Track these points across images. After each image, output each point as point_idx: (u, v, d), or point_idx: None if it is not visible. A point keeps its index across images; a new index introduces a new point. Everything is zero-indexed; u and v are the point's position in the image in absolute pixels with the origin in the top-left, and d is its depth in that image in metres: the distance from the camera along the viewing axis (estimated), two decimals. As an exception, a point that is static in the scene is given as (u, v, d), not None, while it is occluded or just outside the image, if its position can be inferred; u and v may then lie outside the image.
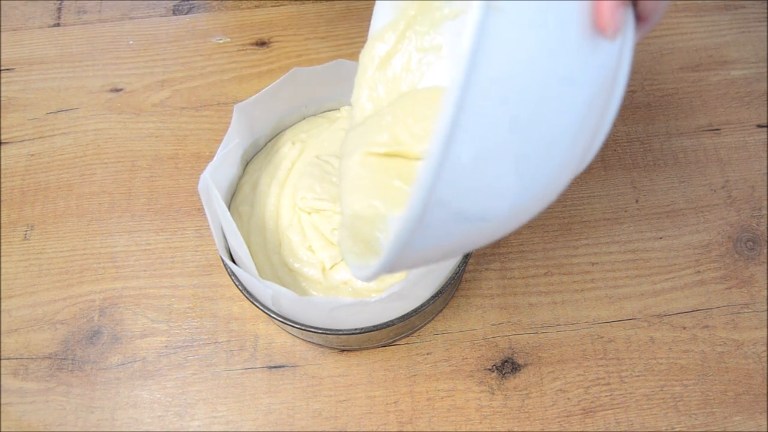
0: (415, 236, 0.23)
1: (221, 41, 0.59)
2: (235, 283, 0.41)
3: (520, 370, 0.45)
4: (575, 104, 0.24)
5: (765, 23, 0.58)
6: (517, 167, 0.23)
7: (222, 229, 0.41)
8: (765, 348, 0.45)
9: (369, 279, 0.28)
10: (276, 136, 0.49)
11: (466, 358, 0.45)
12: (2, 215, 0.51)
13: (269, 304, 0.40)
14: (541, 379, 0.45)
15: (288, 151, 0.47)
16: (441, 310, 0.47)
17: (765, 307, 0.47)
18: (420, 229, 0.23)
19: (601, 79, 0.25)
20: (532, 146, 0.23)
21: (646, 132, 0.54)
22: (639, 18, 0.28)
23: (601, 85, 0.25)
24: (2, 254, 0.50)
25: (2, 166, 0.53)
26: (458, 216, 0.23)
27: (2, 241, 0.50)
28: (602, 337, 0.46)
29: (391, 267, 0.26)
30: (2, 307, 0.48)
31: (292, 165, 0.46)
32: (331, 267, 0.42)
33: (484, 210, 0.24)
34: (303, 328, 0.40)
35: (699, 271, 0.48)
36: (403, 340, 0.46)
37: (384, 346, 0.46)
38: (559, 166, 0.25)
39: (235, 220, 0.44)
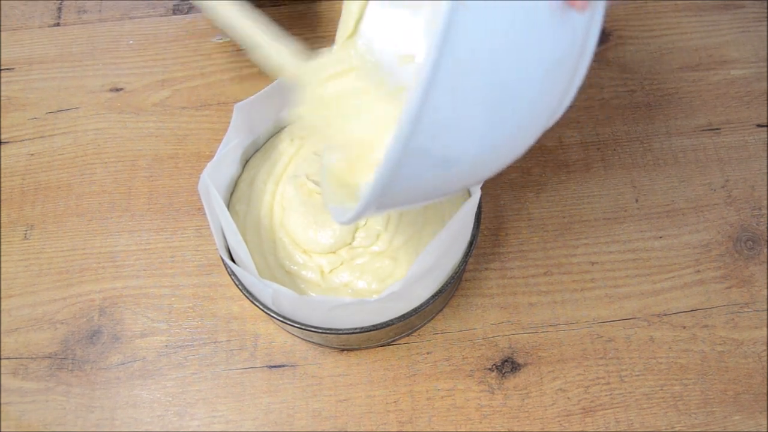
0: (393, 180, 0.25)
1: (221, 41, 0.59)
2: (235, 282, 0.41)
3: (520, 369, 0.45)
4: (545, 61, 0.26)
5: (765, 23, 0.58)
6: (491, 115, 0.25)
7: (222, 229, 0.41)
8: (765, 347, 0.45)
9: (350, 221, 0.29)
10: (275, 134, 0.49)
11: (466, 358, 0.45)
12: (2, 215, 0.51)
13: (269, 303, 0.40)
14: (541, 378, 0.45)
15: (286, 147, 0.46)
16: (441, 310, 0.47)
17: (765, 307, 0.47)
18: (398, 172, 0.24)
19: (571, 40, 0.27)
20: (503, 96, 0.25)
21: (646, 132, 0.54)
22: None
23: (571, 45, 0.27)
24: (2, 254, 0.50)
25: (2, 166, 0.53)
26: (435, 159, 0.25)
27: (2, 241, 0.50)
28: (602, 337, 0.46)
29: (370, 209, 0.27)
30: (2, 307, 0.48)
31: (290, 161, 0.46)
32: (330, 271, 0.42)
33: (458, 152, 0.26)
34: (303, 327, 0.40)
35: (699, 271, 0.48)
36: (403, 340, 0.46)
37: (384, 346, 0.46)
38: (527, 117, 0.27)
39: (233, 219, 0.44)
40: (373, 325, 0.40)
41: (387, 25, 0.39)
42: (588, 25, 0.27)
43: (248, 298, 0.41)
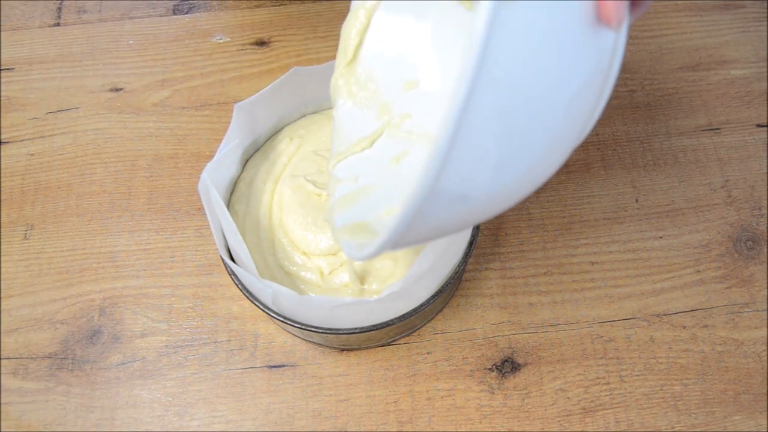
0: (417, 218, 0.24)
1: (221, 41, 0.59)
2: (235, 282, 0.41)
3: (520, 369, 0.45)
4: (574, 83, 0.25)
5: (765, 23, 0.58)
6: (516, 148, 0.24)
7: (222, 229, 0.41)
8: (765, 347, 0.45)
9: (367, 258, 0.28)
10: (275, 134, 0.49)
11: (466, 358, 0.45)
12: (2, 215, 0.51)
13: (269, 303, 0.40)
14: (541, 378, 0.45)
15: (285, 147, 0.46)
16: (441, 310, 0.47)
17: (765, 307, 0.47)
18: (422, 211, 0.23)
19: (598, 60, 0.26)
20: (532, 126, 0.24)
21: (646, 132, 0.54)
22: (632, 2, 0.29)
23: (598, 65, 0.26)
24: (2, 254, 0.50)
25: (2, 166, 0.53)
26: (455, 196, 0.24)
27: (2, 240, 0.50)
28: (602, 337, 0.46)
29: (392, 246, 0.26)
30: (2, 307, 0.48)
31: (288, 160, 0.46)
32: (330, 272, 0.42)
33: (480, 188, 0.24)
34: (303, 327, 0.40)
35: (699, 271, 0.48)
36: (403, 340, 0.46)
37: (384, 346, 0.46)
38: (553, 145, 0.26)
39: (232, 219, 0.44)
40: (373, 325, 0.40)
41: (391, 41, 0.37)
42: (615, 43, 0.26)
43: (248, 298, 0.41)
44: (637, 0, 0.29)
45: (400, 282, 0.37)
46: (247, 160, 0.47)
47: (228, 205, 0.45)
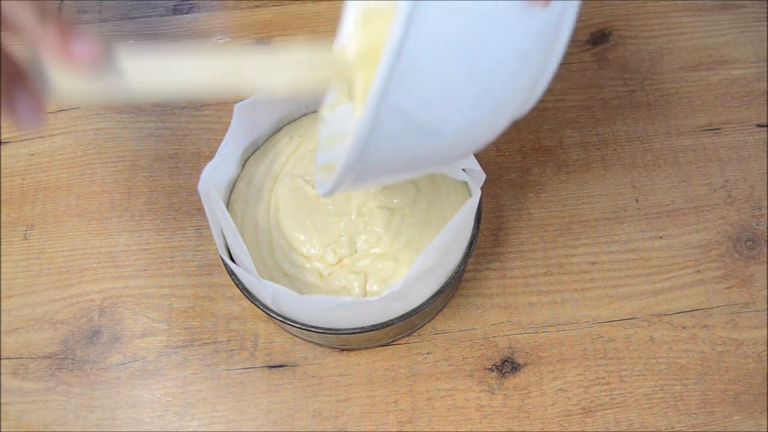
0: (369, 144, 0.25)
1: (221, 41, 0.59)
2: (235, 282, 0.41)
3: (519, 369, 0.45)
4: (514, 43, 0.26)
5: (765, 23, 0.58)
6: (464, 84, 0.25)
7: (222, 229, 0.41)
8: (765, 348, 0.45)
9: (329, 192, 0.29)
10: (275, 133, 0.49)
11: (466, 358, 0.45)
12: (2, 215, 0.51)
13: (269, 303, 0.40)
14: (541, 378, 0.45)
15: (285, 146, 0.46)
16: (441, 310, 0.47)
17: (765, 307, 0.47)
18: (374, 136, 0.24)
19: (541, 26, 0.27)
20: (474, 70, 0.25)
21: (646, 132, 0.54)
22: None
23: (542, 31, 0.27)
24: (2, 254, 0.50)
25: (2, 166, 0.53)
26: (410, 125, 0.25)
27: (2, 240, 0.50)
28: (602, 337, 0.46)
29: (349, 177, 0.27)
30: (2, 307, 0.48)
31: (288, 159, 0.46)
32: (329, 274, 0.42)
33: (435, 120, 0.26)
34: (303, 327, 0.40)
35: (699, 271, 0.48)
36: (403, 340, 0.46)
37: (384, 346, 0.46)
38: (499, 95, 0.27)
39: (232, 219, 0.44)
40: (373, 325, 0.40)
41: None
42: (561, 10, 0.28)
43: (248, 298, 0.41)
44: None
45: (400, 282, 0.37)
46: (246, 160, 0.47)
47: (227, 205, 0.45)
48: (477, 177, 0.41)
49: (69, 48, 0.23)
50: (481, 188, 0.41)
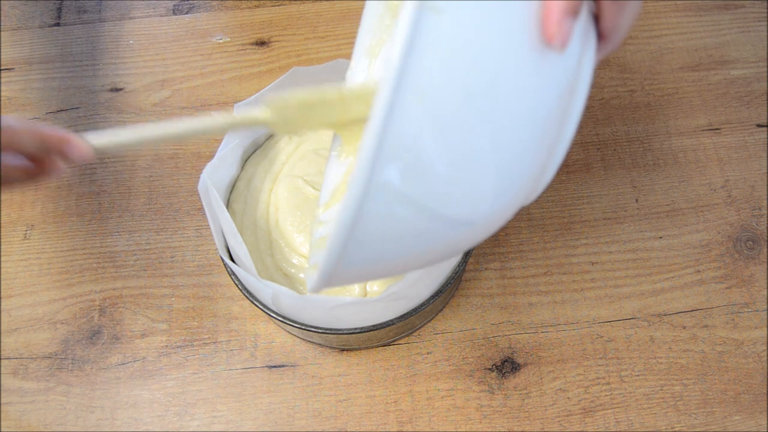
0: (348, 246, 0.23)
1: (221, 41, 0.59)
2: (235, 282, 0.41)
3: (520, 369, 0.45)
4: (523, 118, 0.23)
5: (765, 23, 0.58)
6: (448, 172, 0.23)
7: (222, 229, 0.41)
8: (765, 347, 0.45)
9: (313, 289, 0.27)
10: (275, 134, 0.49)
11: (466, 358, 0.45)
12: (2, 215, 0.51)
13: (269, 303, 0.40)
14: (541, 378, 0.45)
15: (284, 145, 0.46)
16: (441, 310, 0.47)
17: (765, 307, 0.47)
18: (352, 238, 0.23)
19: (551, 92, 0.24)
20: (476, 143, 0.23)
21: (646, 132, 0.54)
22: (600, 36, 0.28)
23: (552, 98, 0.24)
24: (2, 254, 0.50)
25: (2, 166, 0.53)
26: (400, 198, 0.23)
27: (2, 241, 0.50)
28: (602, 337, 0.46)
29: (330, 277, 0.25)
30: (2, 307, 0.48)
31: (287, 159, 0.46)
32: None
33: (424, 200, 0.23)
34: (303, 327, 0.40)
35: (699, 271, 0.48)
36: (403, 340, 0.46)
37: (384, 346, 0.46)
38: (505, 172, 0.24)
39: (231, 219, 0.44)
40: (373, 325, 0.40)
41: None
42: (577, 69, 0.25)
43: (248, 298, 0.41)
44: (604, 35, 0.28)
45: (400, 282, 0.37)
46: (246, 160, 0.47)
47: (227, 205, 0.45)
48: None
49: (68, 156, 0.31)
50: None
